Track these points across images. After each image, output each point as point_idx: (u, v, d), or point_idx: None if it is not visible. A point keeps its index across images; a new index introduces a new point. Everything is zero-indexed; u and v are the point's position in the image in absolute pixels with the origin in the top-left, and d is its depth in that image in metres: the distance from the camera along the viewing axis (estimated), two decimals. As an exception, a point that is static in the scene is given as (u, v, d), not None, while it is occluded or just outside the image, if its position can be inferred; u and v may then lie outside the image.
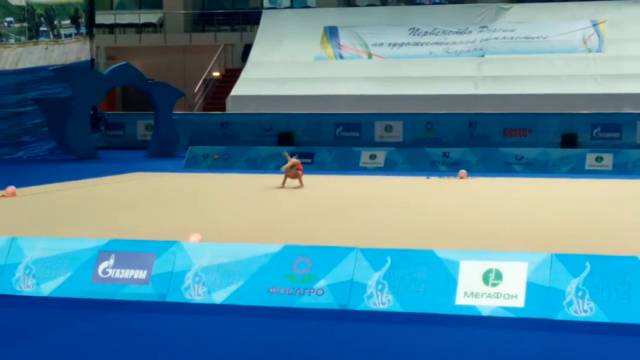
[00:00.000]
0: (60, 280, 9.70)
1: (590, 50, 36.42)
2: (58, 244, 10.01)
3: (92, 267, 9.71)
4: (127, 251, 9.76)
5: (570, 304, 8.61)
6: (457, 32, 38.31)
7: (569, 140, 31.26)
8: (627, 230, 13.83)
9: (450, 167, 25.55)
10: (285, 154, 21.75)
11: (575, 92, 34.65)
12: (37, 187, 20.52)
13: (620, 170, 24.98)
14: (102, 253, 9.77)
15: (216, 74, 43.08)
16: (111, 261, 9.70)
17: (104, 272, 9.67)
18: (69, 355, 7.65)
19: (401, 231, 13.60)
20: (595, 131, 31.89)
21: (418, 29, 38.90)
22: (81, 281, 9.66)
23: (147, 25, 46.00)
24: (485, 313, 8.74)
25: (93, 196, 19.23)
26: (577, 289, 8.64)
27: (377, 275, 9.06)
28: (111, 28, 45.36)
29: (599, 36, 36.79)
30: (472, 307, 8.79)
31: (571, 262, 8.79)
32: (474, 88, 35.96)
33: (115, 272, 9.65)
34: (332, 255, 9.29)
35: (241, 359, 7.61)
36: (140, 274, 9.58)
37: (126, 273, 9.62)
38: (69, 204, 17.56)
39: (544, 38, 37.12)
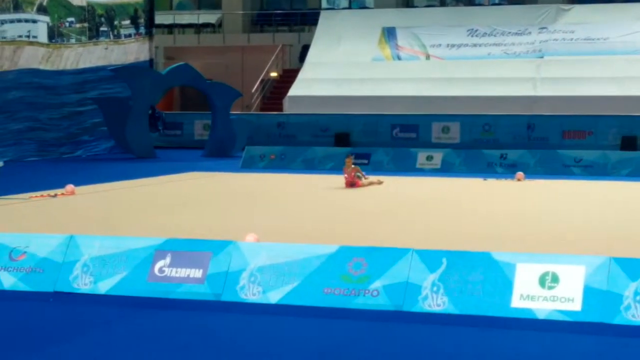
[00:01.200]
0: (117, 278, 9.78)
1: (651, 52, 36.01)
2: (115, 243, 10.09)
3: (148, 266, 9.77)
4: (183, 250, 9.81)
5: (627, 308, 8.51)
6: (516, 33, 38.05)
7: (628, 143, 30.90)
8: (688, 235, 13.65)
9: (508, 169, 25.38)
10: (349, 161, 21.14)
11: (635, 94, 34.26)
12: (95, 186, 20.72)
13: (681, 173, 24.67)
14: (158, 252, 9.83)
15: (274, 74, 43.20)
16: (167, 260, 9.76)
17: (160, 270, 9.73)
18: (125, 353, 7.71)
19: (457, 233, 13.54)
20: (655, 133, 31.53)
21: (476, 30, 38.69)
22: (138, 280, 9.72)
23: (205, 25, 46.23)
24: (541, 316, 8.66)
25: (150, 195, 19.37)
26: (636, 293, 8.54)
27: (432, 277, 9.02)
28: (170, 28, 45.65)
29: (661, 37, 36.35)
30: (528, 310, 8.72)
31: (630, 266, 8.69)
32: (532, 89, 35.71)
33: (171, 270, 9.70)
34: (387, 256, 9.27)
35: (296, 359, 7.61)
36: (196, 273, 9.62)
37: (182, 272, 9.67)
38: (127, 203, 17.71)
39: (604, 39, 36.75)
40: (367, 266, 9.24)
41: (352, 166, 20.59)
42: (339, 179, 20.55)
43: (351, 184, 20.28)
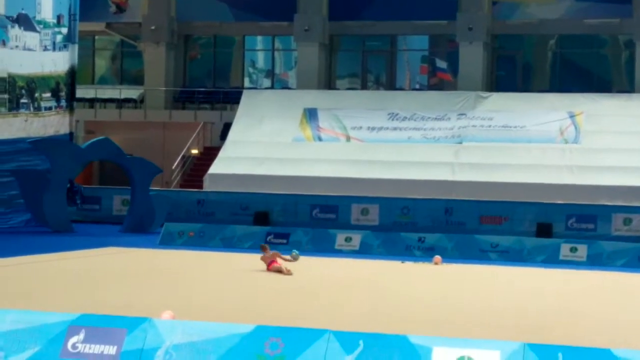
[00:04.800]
0: (28, 353, 9.59)
1: (567, 141, 36.68)
2: (28, 317, 9.91)
3: (61, 341, 9.59)
4: (97, 326, 9.67)
5: (541, 394, 8.57)
6: (435, 119, 38.55)
7: (544, 230, 31.32)
8: (600, 322, 13.84)
9: (426, 253, 25.54)
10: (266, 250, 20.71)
11: (551, 182, 34.81)
12: (10, 259, 20.37)
13: (594, 261, 25.03)
14: (72, 327, 9.67)
15: (195, 151, 43.13)
16: (81, 336, 9.60)
17: (74, 346, 9.56)
18: None
19: (375, 315, 13.56)
20: (570, 222, 32.00)
21: (397, 114, 39.12)
22: (50, 355, 9.54)
23: (127, 100, 46.06)
24: (456, 400, 8.68)
25: (66, 270, 19.10)
26: (549, 379, 8.61)
27: (349, 359, 9.00)
28: (91, 102, 45.41)
29: (575, 128, 37.10)
30: (444, 394, 8.73)
31: (543, 352, 8.77)
32: (451, 174, 36.10)
33: (84, 347, 9.54)
34: (304, 336, 9.23)
35: None
36: (110, 350, 9.47)
37: (96, 348, 9.52)
38: (42, 277, 17.44)
39: (521, 127, 37.39)
40: (283, 346, 9.20)
41: (271, 252, 20.08)
42: (257, 258, 20.20)
43: (275, 267, 19.71)
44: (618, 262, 25.09)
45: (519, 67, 43.05)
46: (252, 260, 20.46)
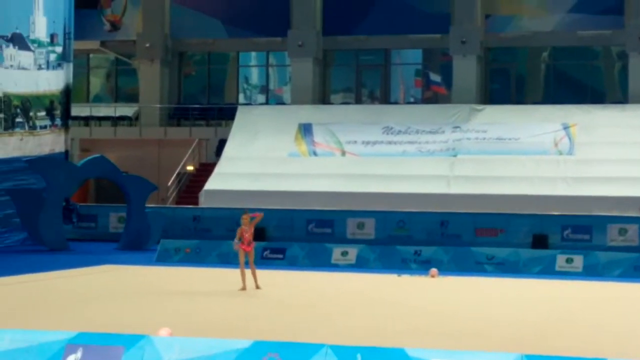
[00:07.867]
0: (27, 372, 9.60)
1: (561, 153, 36.78)
2: (26, 336, 9.92)
3: (59, 360, 9.62)
4: (95, 344, 9.68)
5: (539, 405, 8.60)
6: (430, 132, 38.64)
7: (539, 241, 31.35)
8: (597, 332, 13.87)
9: (422, 266, 25.54)
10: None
11: (546, 194, 34.89)
12: (6, 278, 20.38)
13: (590, 272, 25.04)
14: (69, 346, 9.69)
15: (190, 168, 43.18)
16: (79, 354, 9.61)
17: (72, 364, 9.58)
18: None
19: (372, 329, 13.58)
20: (565, 232, 32.04)
21: (392, 128, 39.21)
22: (48, 374, 9.55)
23: (122, 118, 46.15)
24: (454, 413, 8.70)
25: (63, 288, 19.10)
26: (547, 390, 8.64)
27: (346, 373, 9.02)
28: (86, 120, 45.47)
29: (569, 139, 37.19)
30: (442, 407, 8.75)
31: (540, 363, 8.80)
32: (446, 187, 36.15)
33: (82, 365, 9.56)
34: (301, 351, 9.26)
35: None
36: (108, 368, 9.49)
37: (94, 366, 9.53)
38: (39, 296, 17.45)
39: (515, 139, 37.48)
40: (281, 361, 9.22)
41: (250, 221, 20.14)
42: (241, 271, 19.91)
43: (248, 242, 19.81)
44: (614, 272, 25.11)
45: (513, 80, 43.17)
46: (248, 276, 20.44)
